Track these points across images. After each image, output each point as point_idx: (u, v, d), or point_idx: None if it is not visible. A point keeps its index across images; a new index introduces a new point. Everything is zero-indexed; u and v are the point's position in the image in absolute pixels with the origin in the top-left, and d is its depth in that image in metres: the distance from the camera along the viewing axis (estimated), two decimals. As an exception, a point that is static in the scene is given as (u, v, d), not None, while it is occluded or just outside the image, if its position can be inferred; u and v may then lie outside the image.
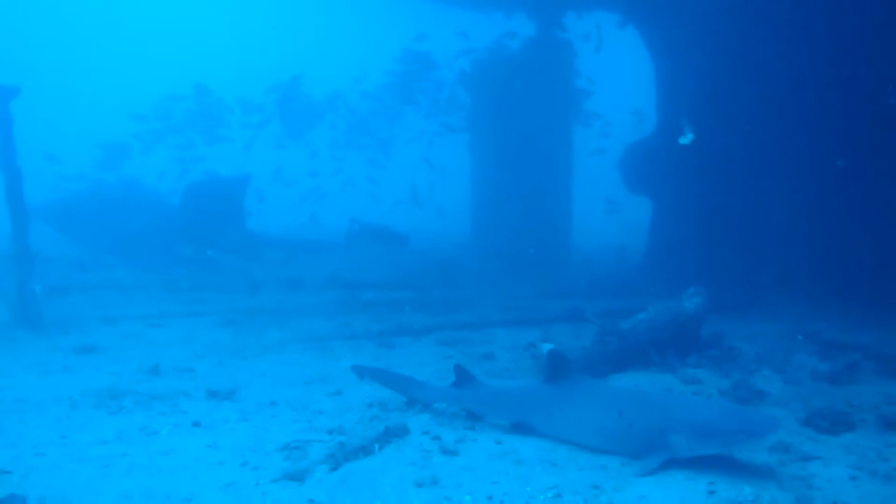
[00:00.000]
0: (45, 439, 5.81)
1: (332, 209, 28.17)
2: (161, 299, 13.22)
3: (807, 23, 12.61)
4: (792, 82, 13.15)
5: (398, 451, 5.65)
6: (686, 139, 12.85)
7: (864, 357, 8.47)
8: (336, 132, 31.31)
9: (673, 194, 16.41)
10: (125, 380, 7.68)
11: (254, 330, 10.62)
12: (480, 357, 9.16)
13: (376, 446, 5.64)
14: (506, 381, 7.78)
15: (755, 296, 12.91)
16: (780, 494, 4.84)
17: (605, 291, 13.94)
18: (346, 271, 15.97)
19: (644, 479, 5.13)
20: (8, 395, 7.02)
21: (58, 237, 18.99)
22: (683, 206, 15.88)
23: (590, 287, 14.77)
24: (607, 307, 10.81)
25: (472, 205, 24.84)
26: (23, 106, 10.97)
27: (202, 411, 6.60)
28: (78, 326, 10.56)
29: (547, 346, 6.23)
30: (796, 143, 13.34)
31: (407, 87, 27.86)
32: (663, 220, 16.96)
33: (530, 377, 8.02)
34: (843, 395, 7.27)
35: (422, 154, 28.65)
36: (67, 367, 8.39)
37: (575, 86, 23.33)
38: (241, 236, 17.02)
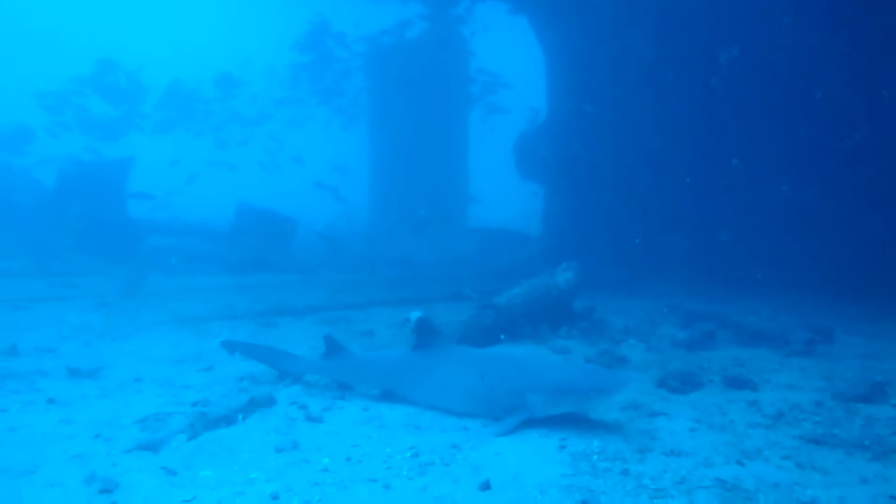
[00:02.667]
0: None
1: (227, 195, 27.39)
2: (31, 284, 12.54)
3: (691, 18, 13.27)
4: (676, 79, 13.80)
5: (262, 420, 5.62)
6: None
7: (720, 326, 9.07)
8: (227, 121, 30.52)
9: (561, 182, 16.95)
10: (-25, 361, 7.27)
11: (128, 312, 10.25)
12: (360, 334, 9.22)
13: (240, 416, 5.58)
14: (376, 351, 7.86)
15: (632, 275, 13.56)
16: (625, 445, 5.13)
17: (499, 273, 14.28)
18: (234, 255, 15.63)
19: (502, 437, 5.31)
20: None
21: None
22: (570, 192, 16.43)
23: (486, 270, 15.10)
24: (495, 286, 11.09)
25: (370, 189, 24.88)
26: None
27: (60, 389, 6.33)
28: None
29: (415, 315, 6.32)
30: (676, 134, 14.04)
31: (304, 75, 27.47)
32: (553, 207, 17.48)
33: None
34: (697, 359, 7.77)
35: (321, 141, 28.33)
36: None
37: (470, 74, 23.73)
38: (122, 221, 16.28)
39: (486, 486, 4.42)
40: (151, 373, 7.05)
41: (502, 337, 8.31)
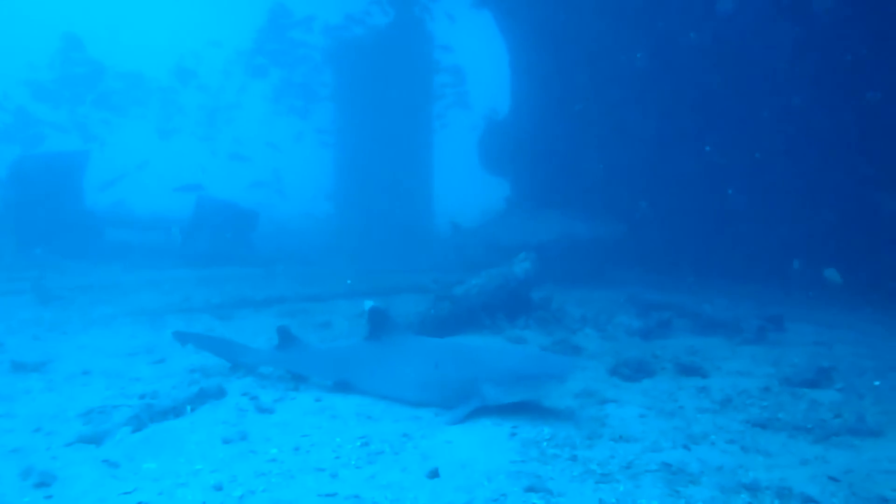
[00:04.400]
0: None
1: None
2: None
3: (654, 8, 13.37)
4: (639, 72, 13.89)
5: (212, 411, 5.55)
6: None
7: (676, 315, 9.17)
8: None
9: (524, 175, 17.01)
10: None
11: (81, 306, 10.06)
12: (318, 325, 9.16)
13: (188, 408, 5.51)
14: (329, 342, 7.81)
15: (595, 268, 13.66)
16: (575, 432, 5.17)
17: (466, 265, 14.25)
18: (194, 248, 15.41)
19: (454, 426, 5.31)
20: None
21: None
22: (533, 185, 16.50)
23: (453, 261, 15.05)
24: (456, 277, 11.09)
25: (335, 184, 24.69)
26: None
27: (2, 384, 6.18)
28: None
29: (368, 304, 6.29)
30: (638, 126, 14.16)
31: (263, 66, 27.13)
32: (518, 199, 17.52)
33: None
34: (651, 348, 7.86)
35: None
36: None
37: (435, 68, 23.67)
38: (79, 214, 15.95)
39: (434, 474, 4.42)
40: (101, 366, 6.92)
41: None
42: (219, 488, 4.13)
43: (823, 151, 11.37)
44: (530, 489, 4.19)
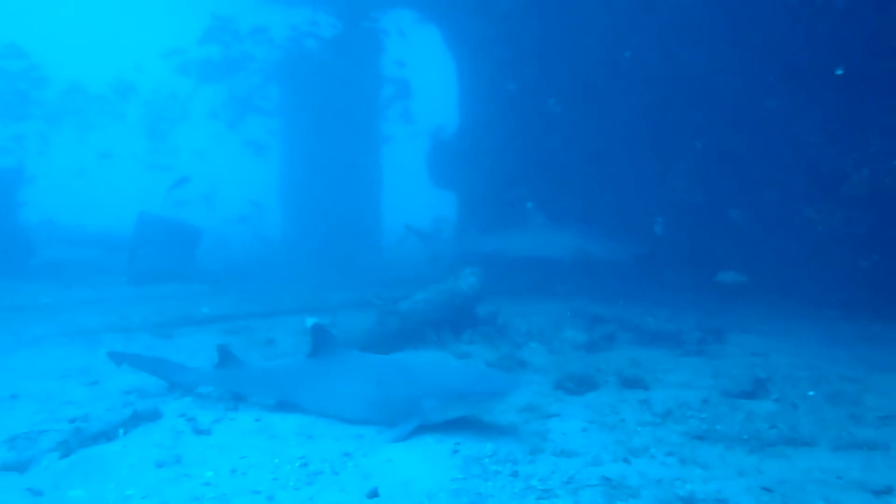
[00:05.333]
0: None
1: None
2: None
3: (600, 23, 13.58)
4: (585, 85, 14.07)
5: (146, 434, 5.38)
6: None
7: (620, 328, 9.29)
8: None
9: (473, 189, 17.07)
10: None
11: (13, 326, 9.67)
12: (262, 342, 9.00)
13: (121, 431, 5.33)
14: (272, 360, 7.68)
15: (542, 281, 13.75)
16: (517, 447, 5.16)
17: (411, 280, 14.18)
18: (136, 266, 15.00)
19: (396, 444, 5.25)
20: None
21: None
22: (482, 199, 16.57)
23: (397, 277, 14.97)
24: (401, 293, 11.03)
25: (282, 200, 24.42)
26: None
27: (-79, 410, 5.89)
28: None
29: (310, 321, 6.19)
30: (584, 140, 14.33)
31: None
32: (466, 212, 17.56)
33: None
34: (595, 361, 7.91)
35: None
36: None
37: (382, 81, 23.66)
38: (10, 231, 15.33)
39: (373, 494, 4.36)
40: (31, 389, 6.65)
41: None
42: (149, 515, 3.99)
43: (756, 166, 11.70)
44: (470, 507, 4.16)
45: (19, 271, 14.37)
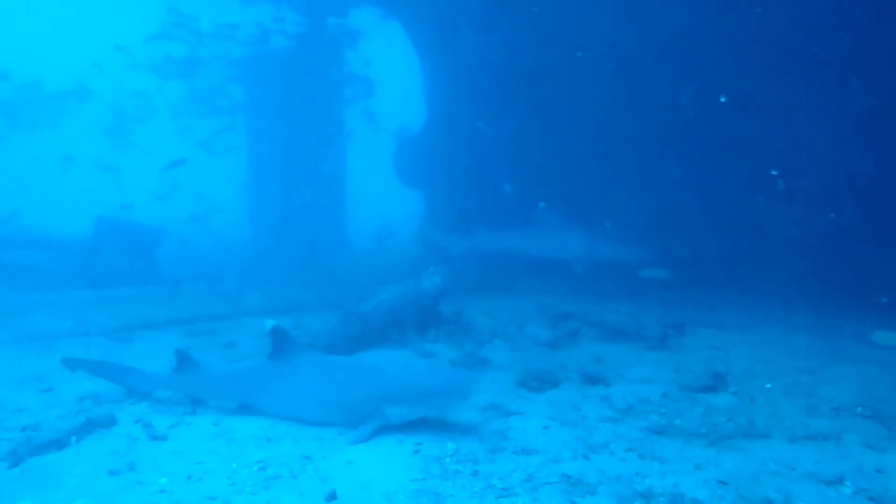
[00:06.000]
0: None
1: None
2: None
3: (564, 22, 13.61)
4: (550, 82, 14.09)
5: (99, 441, 5.27)
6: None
7: (584, 324, 9.33)
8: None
9: (439, 187, 17.06)
10: None
11: (-36, 332, 9.40)
12: (224, 345, 8.87)
13: (73, 438, 5.21)
14: (231, 363, 7.58)
15: (508, 279, 13.79)
16: (479, 446, 5.15)
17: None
18: (95, 268, 14.68)
19: (356, 445, 5.21)
20: None
21: None
22: (447, 198, 16.56)
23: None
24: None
25: (247, 199, 24.17)
26: None
27: None
28: None
29: (269, 323, 6.11)
30: (549, 138, 14.38)
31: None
32: (433, 210, 17.53)
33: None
34: (558, 358, 7.93)
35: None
36: None
37: (347, 80, 23.53)
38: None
39: (331, 497, 4.31)
40: (-19, 397, 6.46)
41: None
42: (99, 525, 3.90)
43: (710, 160, 11.85)
44: (429, 508, 4.14)
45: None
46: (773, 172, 10.61)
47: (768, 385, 6.78)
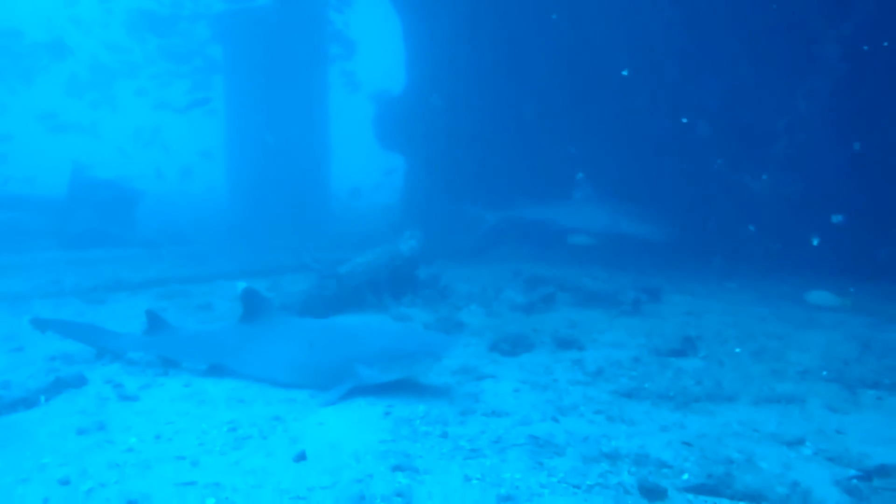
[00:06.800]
0: None
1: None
2: None
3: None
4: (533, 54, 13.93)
5: (69, 401, 5.25)
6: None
7: (559, 289, 9.39)
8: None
9: (420, 152, 16.90)
10: None
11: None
12: (197, 307, 8.85)
13: (42, 398, 5.19)
14: (203, 325, 7.56)
15: (485, 243, 13.80)
16: (449, 408, 5.19)
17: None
18: (69, 228, 14.52)
19: (328, 407, 5.22)
20: None
21: None
22: (428, 162, 16.43)
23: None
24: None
25: (227, 164, 23.88)
26: None
27: None
28: None
29: (241, 285, 6.09)
30: (531, 106, 14.26)
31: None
32: (414, 176, 17.40)
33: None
34: (532, 322, 7.99)
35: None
36: None
37: (331, 40, 23.16)
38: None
39: (301, 457, 4.33)
40: (-52, 357, 6.41)
41: None
42: (65, 483, 3.90)
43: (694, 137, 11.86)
44: (397, 468, 4.16)
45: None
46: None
47: (738, 349, 6.89)
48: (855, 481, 4.00)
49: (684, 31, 11.47)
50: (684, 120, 11.40)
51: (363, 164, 24.27)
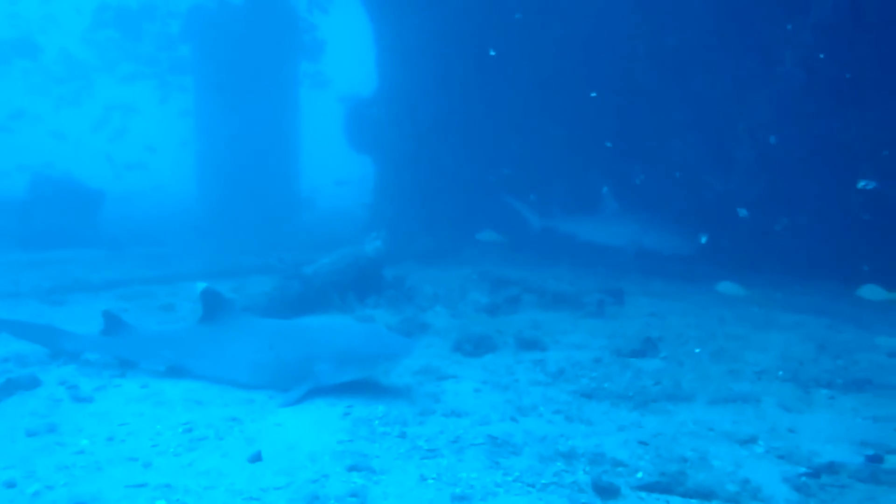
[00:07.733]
0: None
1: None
2: None
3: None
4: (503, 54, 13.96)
5: (20, 403, 5.15)
6: None
7: (524, 291, 9.42)
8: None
9: (390, 154, 16.86)
10: None
11: None
12: (159, 308, 8.73)
13: (-8, 401, 5.07)
14: (162, 326, 7.46)
15: (452, 246, 13.80)
16: (409, 409, 5.17)
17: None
18: (29, 229, 14.22)
19: (286, 408, 5.18)
20: None
21: None
22: (397, 164, 16.41)
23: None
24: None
25: (197, 164, 23.61)
26: None
27: None
28: None
29: (201, 286, 6.02)
30: (501, 107, 14.29)
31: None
32: (384, 179, 17.35)
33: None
34: (497, 323, 8.00)
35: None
36: None
37: (301, 41, 23.00)
38: None
39: (256, 458, 4.29)
40: None
41: None
42: (11, 485, 3.82)
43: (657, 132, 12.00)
44: (353, 468, 4.15)
45: None
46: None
47: (697, 350, 6.97)
48: (804, 478, 4.07)
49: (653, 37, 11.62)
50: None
51: (327, 166, 24.12)
